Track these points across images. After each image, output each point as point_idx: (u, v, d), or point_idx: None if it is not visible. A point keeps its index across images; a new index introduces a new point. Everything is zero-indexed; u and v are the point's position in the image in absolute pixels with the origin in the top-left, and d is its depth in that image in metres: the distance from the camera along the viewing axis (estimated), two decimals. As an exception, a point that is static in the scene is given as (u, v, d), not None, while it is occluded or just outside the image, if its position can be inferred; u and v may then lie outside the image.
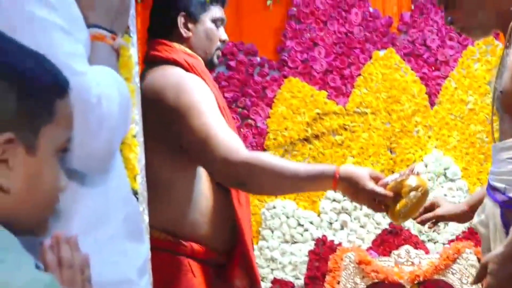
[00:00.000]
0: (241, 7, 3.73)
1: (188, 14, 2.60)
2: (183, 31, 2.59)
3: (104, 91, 1.25)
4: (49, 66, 1.09)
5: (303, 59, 3.80)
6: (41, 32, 1.21)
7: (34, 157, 1.03)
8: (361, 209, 3.63)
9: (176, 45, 2.53)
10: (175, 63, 2.40)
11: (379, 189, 1.92)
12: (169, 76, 2.46)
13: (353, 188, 1.97)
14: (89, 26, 1.39)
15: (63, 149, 1.10)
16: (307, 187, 2.28)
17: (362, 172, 2.00)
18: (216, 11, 2.67)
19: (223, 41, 2.71)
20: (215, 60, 2.67)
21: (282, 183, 2.20)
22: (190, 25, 2.57)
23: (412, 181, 1.89)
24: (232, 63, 3.81)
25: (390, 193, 1.92)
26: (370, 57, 3.77)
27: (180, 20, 2.59)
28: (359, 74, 3.77)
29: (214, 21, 2.64)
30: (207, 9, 2.64)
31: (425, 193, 1.93)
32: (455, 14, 2.10)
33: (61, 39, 1.23)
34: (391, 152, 3.72)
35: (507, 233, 1.96)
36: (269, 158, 2.28)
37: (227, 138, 2.27)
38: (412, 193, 1.86)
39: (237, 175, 2.22)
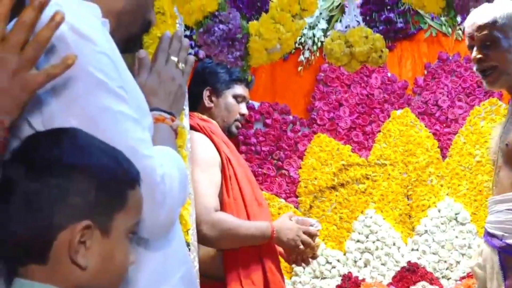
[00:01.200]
0: (276, 73, 3.82)
1: (213, 89, 2.89)
2: (206, 102, 2.87)
3: (166, 171, 1.26)
4: (123, 162, 1.11)
5: (330, 118, 3.83)
6: (114, 122, 1.22)
7: (108, 239, 1.06)
8: (382, 249, 3.64)
9: (195, 114, 2.79)
10: (190, 127, 2.59)
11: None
12: None
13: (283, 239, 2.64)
14: (151, 109, 1.44)
15: (133, 230, 1.13)
16: (256, 242, 2.64)
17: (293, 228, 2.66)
18: (239, 89, 2.93)
19: (242, 115, 2.97)
20: (234, 129, 2.93)
21: (239, 240, 2.58)
22: (213, 98, 2.89)
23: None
24: (268, 121, 3.85)
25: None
26: (389, 116, 3.80)
27: (206, 93, 2.88)
28: (379, 131, 3.80)
29: (236, 97, 2.92)
30: (231, 87, 2.91)
31: None
32: (491, 52, 2.14)
33: (131, 128, 1.24)
34: (408, 198, 3.72)
35: (504, 275, 2.08)
36: (231, 222, 2.59)
37: (205, 197, 2.56)
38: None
39: (203, 233, 2.51)
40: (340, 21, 3.74)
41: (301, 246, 2.66)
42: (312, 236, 2.69)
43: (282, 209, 3.74)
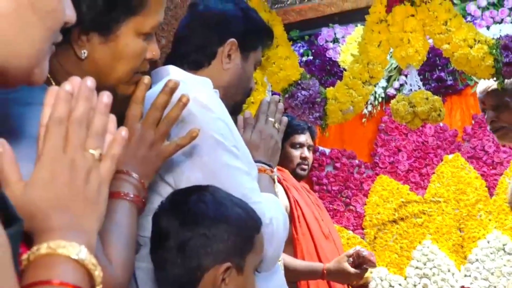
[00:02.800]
0: (343, 124, 3.41)
1: None
2: None
3: (273, 215, 1.32)
4: (250, 211, 1.16)
5: (390, 161, 3.86)
6: (232, 175, 1.28)
7: (242, 275, 1.11)
8: (438, 275, 3.58)
9: None
10: None
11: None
12: None
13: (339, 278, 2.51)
14: (255, 161, 1.49)
15: (258, 266, 1.18)
16: (307, 279, 2.60)
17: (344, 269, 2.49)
18: (296, 138, 2.95)
19: (303, 158, 2.95)
20: (299, 172, 2.95)
21: (290, 276, 2.32)
22: None
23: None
24: (338, 165, 3.90)
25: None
26: (442, 160, 3.78)
27: None
28: (433, 173, 3.78)
29: (293, 145, 2.94)
30: (288, 138, 2.91)
31: None
32: (501, 115, 2.02)
33: (245, 179, 1.30)
34: (460, 231, 3.67)
35: None
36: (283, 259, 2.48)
37: None
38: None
39: None
40: (398, 79, 3.82)
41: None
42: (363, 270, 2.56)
43: (350, 240, 3.78)
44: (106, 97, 0.76)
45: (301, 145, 2.96)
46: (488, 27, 3.60)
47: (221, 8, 1.56)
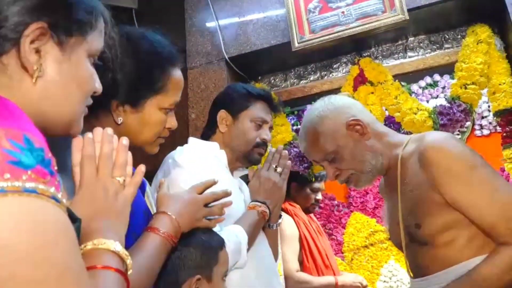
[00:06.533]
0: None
1: (297, 183, 2.86)
2: (293, 191, 2.87)
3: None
4: (215, 236, 1.16)
5: (361, 201, 3.82)
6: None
7: (211, 283, 1.08)
8: (401, 287, 3.41)
9: (286, 202, 2.75)
10: (282, 210, 2.38)
11: None
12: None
13: None
14: (253, 200, 1.48)
15: (225, 275, 1.15)
16: None
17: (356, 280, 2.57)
18: (316, 184, 2.95)
19: (317, 200, 2.90)
20: (311, 209, 2.92)
21: None
22: (298, 191, 2.91)
23: None
24: (322, 205, 3.76)
25: None
26: None
27: (293, 185, 2.84)
28: None
29: (312, 189, 2.95)
30: (311, 184, 2.94)
31: None
32: (338, 164, 1.43)
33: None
34: None
35: None
36: (308, 279, 2.53)
37: (289, 263, 2.51)
38: None
39: (292, 286, 2.43)
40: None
41: None
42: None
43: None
44: (125, 140, 0.84)
45: (318, 190, 2.95)
46: (428, 101, 3.74)
47: (222, 91, 1.65)
